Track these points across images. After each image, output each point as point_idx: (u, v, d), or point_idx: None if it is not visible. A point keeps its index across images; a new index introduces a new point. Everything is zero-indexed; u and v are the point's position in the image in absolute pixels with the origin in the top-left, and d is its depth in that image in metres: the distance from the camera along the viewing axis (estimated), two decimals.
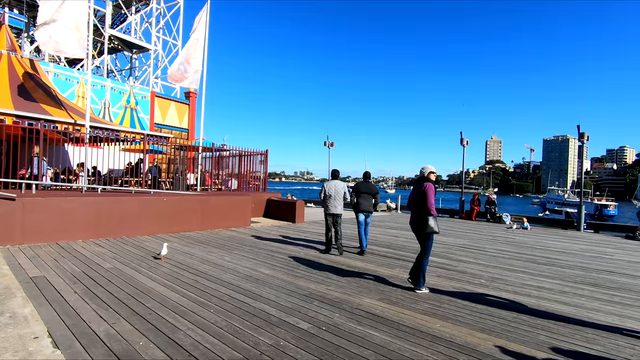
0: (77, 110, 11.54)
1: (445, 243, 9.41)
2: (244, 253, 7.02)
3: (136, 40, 21.34)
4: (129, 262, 5.82)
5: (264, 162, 14.30)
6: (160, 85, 22.77)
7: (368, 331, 3.55)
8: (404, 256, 7.45)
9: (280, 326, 3.57)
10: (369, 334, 3.48)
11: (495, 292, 5.15)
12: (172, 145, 13.39)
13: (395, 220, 15.16)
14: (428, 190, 4.93)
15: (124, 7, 21.97)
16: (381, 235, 10.26)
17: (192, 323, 3.53)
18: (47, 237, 6.93)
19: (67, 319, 3.47)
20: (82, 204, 7.49)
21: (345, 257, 7.13)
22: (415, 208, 5.10)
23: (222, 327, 3.48)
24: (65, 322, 3.41)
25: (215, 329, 3.43)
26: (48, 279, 4.72)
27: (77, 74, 16.86)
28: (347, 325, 3.66)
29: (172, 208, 8.99)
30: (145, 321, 3.52)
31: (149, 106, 19.93)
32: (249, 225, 10.84)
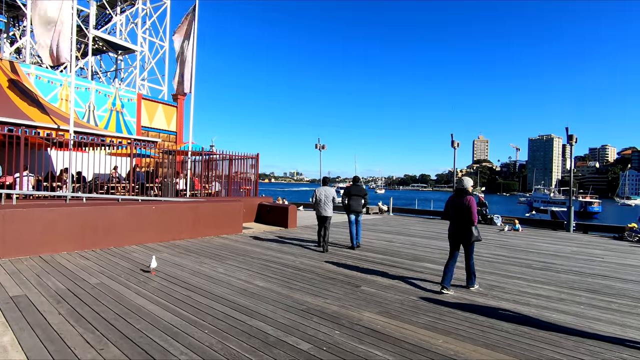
0: (61, 114, 11.14)
1: (440, 248, 9.37)
2: (237, 263, 6.83)
3: (121, 42, 20.84)
4: (117, 277, 5.57)
5: (255, 166, 14.08)
6: (147, 87, 22.31)
7: (370, 350, 3.42)
8: (400, 264, 7.36)
9: (279, 347, 3.41)
10: (372, 354, 3.35)
11: (495, 302, 5.08)
12: (160, 150, 13.08)
13: (389, 223, 15.12)
14: (473, 203, 5.48)
15: (109, 8, 21.44)
16: (376, 241, 10.17)
17: (186, 346, 3.35)
18: (29, 250, 6.61)
19: (50, 346, 3.24)
20: (66, 213, 7.19)
21: (342, 266, 7.00)
22: (459, 219, 5.56)
23: (218, 350, 3.30)
24: (49, 349, 3.18)
25: (211, 352, 3.25)
26: (30, 298, 4.46)
27: (60, 76, 16.34)
28: (349, 345, 3.53)
29: (162, 216, 8.72)
30: (135, 345, 3.32)
31: (136, 109, 19.47)
32: (241, 231, 10.62)
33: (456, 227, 5.63)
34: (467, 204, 5.44)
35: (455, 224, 5.66)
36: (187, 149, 13.68)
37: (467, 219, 5.46)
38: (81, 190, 10.08)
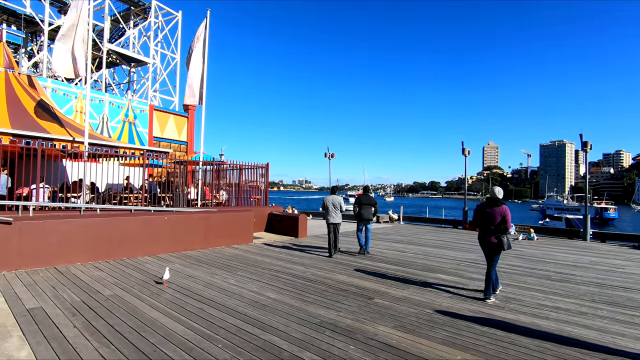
0: (75, 126, 11.38)
1: (453, 258, 9.22)
2: (249, 274, 6.81)
3: (134, 54, 21.32)
4: (131, 289, 5.59)
5: (265, 176, 14.14)
6: (158, 98, 22.71)
7: None
8: (414, 275, 7.25)
9: None
10: None
11: (513, 315, 4.95)
12: (171, 160, 13.23)
13: (400, 232, 14.96)
14: (508, 212, 5.63)
15: (122, 22, 22.01)
16: (388, 251, 10.05)
17: None
18: (44, 261, 6.70)
19: None
20: (80, 225, 7.28)
21: (354, 277, 6.92)
22: (492, 227, 5.66)
23: None
24: None
25: None
26: (46, 310, 4.50)
27: (75, 89, 16.76)
28: None
29: (173, 226, 8.78)
30: None
31: (148, 120, 19.81)
32: (252, 241, 10.62)
33: (486, 235, 5.74)
34: (502, 213, 5.60)
35: (486, 232, 5.76)
36: (198, 159, 13.82)
37: (500, 228, 5.61)
38: (95, 201, 10.23)
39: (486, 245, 5.77)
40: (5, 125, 8.93)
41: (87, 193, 9.73)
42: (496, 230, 5.63)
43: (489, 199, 5.85)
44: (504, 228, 5.60)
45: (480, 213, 5.86)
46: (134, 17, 22.78)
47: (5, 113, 9.53)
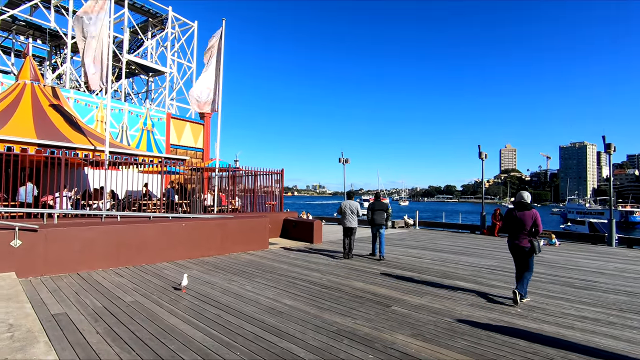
0: (97, 135, 11.74)
1: (472, 264, 9.03)
2: (265, 281, 6.83)
3: (152, 64, 21.89)
4: (150, 295, 5.69)
5: (279, 182, 14.22)
6: (175, 106, 23.21)
7: None
8: (431, 281, 7.13)
9: None
10: None
11: (536, 324, 4.80)
12: (188, 167, 13.47)
13: (415, 238, 14.77)
14: (539, 216, 5.71)
15: (141, 33, 22.67)
16: (403, 257, 9.93)
17: None
18: (68, 267, 6.90)
19: None
20: (102, 232, 7.48)
21: (370, 284, 6.86)
22: (525, 232, 5.74)
23: None
24: None
25: None
26: (70, 316, 4.62)
27: (96, 99, 17.31)
28: None
29: (191, 233, 8.91)
30: None
31: (165, 127, 20.27)
32: (267, 247, 10.67)
33: (518, 239, 5.80)
34: (533, 217, 5.67)
35: (517, 237, 5.81)
36: (214, 166, 14.02)
37: (531, 232, 5.70)
38: (115, 208, 10.50)
39: (518, 250, 5.82)
40: (31, 136, 9.29)
41: (108, 200, 9.99)
42: (529, 234, 5.70)
43: (518, 203, 5.89)
44: (535, 232, 5.67)
45: (510, 218, 5.90)
46: (151, 28, 23.44)
47: (31, 124, 9.92)
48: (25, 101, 10.74)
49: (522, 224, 5.73)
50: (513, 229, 5.88)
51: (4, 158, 8.35)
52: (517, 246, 5.83)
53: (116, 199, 11.24)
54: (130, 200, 11.56)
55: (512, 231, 5.89)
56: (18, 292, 5.22)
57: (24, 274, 6.37)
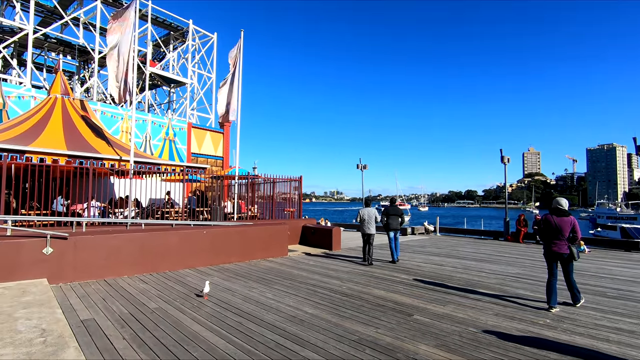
0: (122, 145, 12.16)
1: (496, 272, 8.77)
2: (285, 288, 6.85)
3: (174, 76, 22.57)
4: (173, 301, 5.80)
5: (298, 189, 14.29)
6: (196, 116, 23.79)
7: None
8: (454, 290, 6.96)
9: None
10: None
11: (567, 336, 4.59)
12: (209, 175, 13.73)
13: (436, 244, 14.49)
14: (577, 223, 5.75)
15: (163, 46, 23.45)
16: (425, 265, 9.74)
17: None
18: (95, 274, 7.13)
19: None
20: (127, 239, 7.70)
21: (391, 292, 6.76)
22: (562, 238, 5.75)
23: None
24: None
25: None
26: (98, 322, 4.76)
27: (121, 110, 17.97)
28: None
29: (212, 240, 9.05)
30: None
31: (186, 137, 20.79)
32: (287, 254, 10.71)
33: (558, 246, 5.79)
34: (571, 223, 5.71)
35: (555, 243, 5.81)
36: (233, 174, 14.25)
37: (569, 238, 5.74)
38: (140, 216, 10.80)
39: (557, 256, 5.81)
40: (62, 147, 9.72)
41: (133, 209, 10.29)
42: (569, 240, 5.75)
43: (556, 209, 5.92)
44: (573, 238, 5.73)
45: (548, 224, 5.89)
46: (173, 41, 24.23)
47: (61, 136, 10.38)
48: (56, 114, 11.27)
49: (560, 231, 5.73)
50: (551, 236, 5.85)
51: (37, 169, 8.76)
52: (556, 253, 5.80)
53: (140, 207, 11.58)
54: (154, 208, 11.88)
55: (550, 238, 5.86)
56: (50, 297, 5.43)
57: (55, 280, 6.63)
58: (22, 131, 10.11)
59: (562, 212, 5.84)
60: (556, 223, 5.78)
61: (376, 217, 9.66)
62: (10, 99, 14.83)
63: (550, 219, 5.88)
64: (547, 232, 5.90)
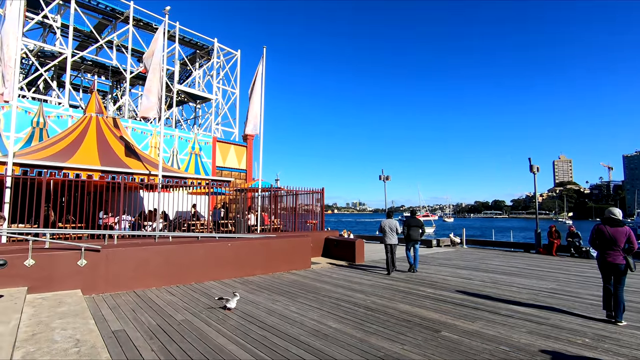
0: (151, 160, 12.65)
1: (529, 287, 8.38)
2: (309, 301, 6.82)
3: (200, 93, 23.41)
4: (199, 313, 5.89)
5: (320, 201, 14.31)
6: (220, 130, 24.46)
7: None
8: (483, 305, 6.70)
9: None
10: None
11: (609, 357, 4.31)
12: (233, 188, 14.01)
13: (463, 257, 14.05)
14: (632, 233, 5.62)
15: (189, 64, 24.42)
16: (451, 278, 9.46)
17: None
18: (125, 285, 7.36)
19: None
20: (155, 252, 7.93)
21: (417, 306, 6.59)
22: (617, 249, 5.64)
23: None
24: None
25: None
26: (128, 333, 4.90)
27: (150, 127, 18.75)
28: None
29: (236, 252, 9.17)
30: None
31: (211, 151, 21.38)
32: (310, 267, 10.69)
33: (612, 256, 5.69)
34: (626, 233, 5.60)
35: (610, 254, 5.71)
36: (256, 186, 14.48)
37: (624, 249, 5.63)
38: (167, 228, 11.13)
39: (612, 268, 5.69)
40: (96, 163, 10.22)
41: (161, 221, 10.62)
42: (625, 251, 5.64)
43: (609, 219, 5.82)
44: (629, 249, 5.61)
45: (602, 234, 5.80)
46: (199, 59, 25.20)
47: (95, 153, 10.93)
48: (91, 132, 11.90)
49: (615, 241, 5.65)
50: (605, 246, 5.75)
51: (73, 184, 9.24)
52: (610, 264, 5.68)
53: (168, 220, 11.93)
54: (180, 220, 12.21)
55: (604, 248, 5.76)
56: (83, 308, 5.65)
57: (88, 291, 6.89)
58: (60, 149, 10.72)
59: (616, 222, 5.73)
60: (610, 234, 5.68)
61: (397, 228, 10.09)
62: (50, 119, 15.81)
63: (603, 229, 5.77)
64: (601, 242, 5.81)
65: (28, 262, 6.46)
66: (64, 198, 9.77)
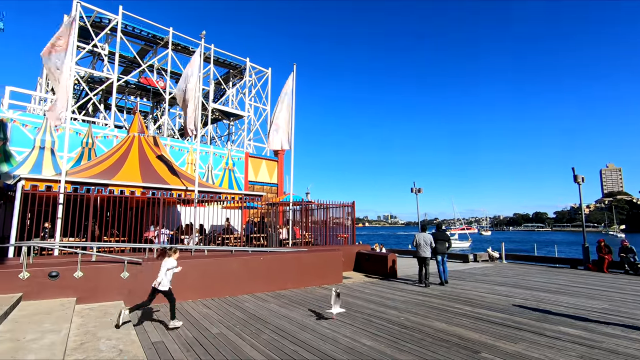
0: (188, 176, 13.21)
1: (577, 307, 7.81)
2: (341, 317, 6.73)
3: (233, 110, 24.33)
4: (233, 327, 5.99)
5: (351, 214, 14.24)
6: (252, 146, 25.18)
7: None
8: (526, 325, 6.31)
9: None
10: None
11: None
12: (265, 202, 14.28)
13: (502, 273, 13.35)
14: None
15: (223, 83, 25.51)
16: (490, 295, 9.01)
17: None
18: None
19: None
20: (192, 265, 8.19)
21: (454, 325, 6.32)
22: None
23: None
24: None
25: None
26: (166, 344, 5.07)
27: (187, 144, 19.65)
28: None
29: (269, 266, 9.29)
30: None
31: (244, 166, 21.99)
32: (341, 281, 10.59)
33: None
34: None
35: None
36: (288, 200, 14.66)
37: None
38: (202, 242, 11.49)
39: None
40: (138, 180, 10.83)
41: (197, 236, 11.00)
42: None
43: None
44: None
45: None
46: (232, 78, 26.28)
47: (137, 170, 11.59)
48: (133, 151, 12.65)
49: None
50: None
51: (117, 200, 9.83)
52: None
53: (204, 234, 12.33)
54: (215, 234, 12.58)
55: None
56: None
57: (130, 303, 7.20)
58: (106, 167, 11.47)
59: None
60: None
61: (431, 241, 10.28)
62: (98, 139, 17.01)
63: None
64: None
65: (77, 274, 6.90)
66: (109, 213, 10.39)
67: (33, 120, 16.54)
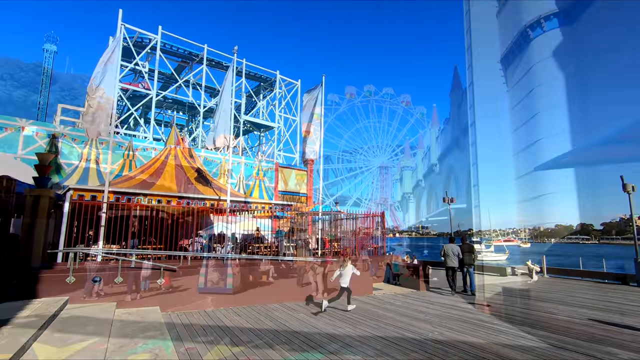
0: (220, 187, 13.60)
1: (633, 327, 7.18)
2: (371, 329, 6.59)
3: (264, 122, 24.94)
4: (263, 336, 6.03)
5: (380, 224, 14.02)
6: (282, 156, 25.60)
7: None
8: (574, 346, 5.87)
9: None
10: None
11: None
12: (294, 212, 14.40)
13: (544, 288, 12.57)
14: None
15: (254, 96, 26.27)
16: (531, 312, 8.49)
17: None
18: (197, 304, 7.85)
19: None
20: (224, 273, 8.37)
21: (492, 342, 6.00)
22: None
23: None
24: None
25: None
26: (199, 350, 5.18)
27: (219, 155, 20.31)
28: None
29: (299, 275, 9.29)
30: None
31: (274, 176, 22.36)
32: (372, 293, 10.40)
33: None
34: None
35: None
36: (317, 210, 14.70)
37: None
38: (234, 250, 11.73)
39: None
40: (174, 190, 11.29)
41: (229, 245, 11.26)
42: None
43: None
44: None
45: None
46: (262, 91, 27.03)
47: (173, 180, 12.09)
48: (170, 162, 13.22)
49: None
50: None
51: (155, 209, 10.28)
52: None
53: (235, 242, 12.59)
54: (246, 243, 12.80)
55: None
56: (161, 324, 6.13)
57: (165, 308, 7.47)
58: (145, 177, 12.06)
59: None
60: None
61: (459, 252, 10.70)
62: (138, 151, 17.98)
63: None
64: None
65: (117, 280, 7.24)
66: (147, 221, 10.88)
67: (81, 135, 17.79)
